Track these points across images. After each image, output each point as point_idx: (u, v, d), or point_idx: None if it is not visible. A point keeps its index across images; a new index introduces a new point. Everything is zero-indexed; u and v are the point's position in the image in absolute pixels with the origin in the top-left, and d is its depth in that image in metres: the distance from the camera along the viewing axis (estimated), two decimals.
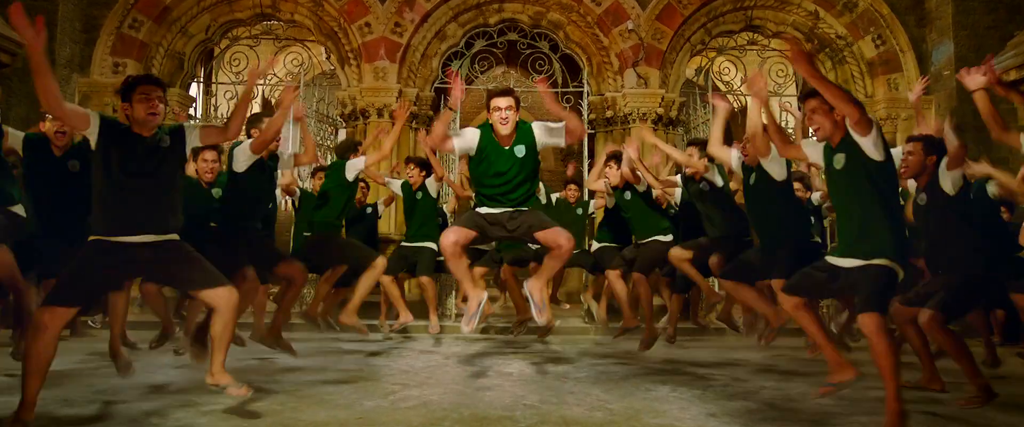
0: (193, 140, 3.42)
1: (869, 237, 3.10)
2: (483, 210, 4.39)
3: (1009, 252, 4.59)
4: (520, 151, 4.32)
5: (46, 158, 4.10)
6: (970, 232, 3.93)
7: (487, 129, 4.37)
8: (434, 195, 6.95)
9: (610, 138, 9.73)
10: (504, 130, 4.22)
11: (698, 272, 5.44)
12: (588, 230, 8.06)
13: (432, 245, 6.76)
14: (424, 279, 6.73)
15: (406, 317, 6.49)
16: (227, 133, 3.57)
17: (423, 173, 6.88)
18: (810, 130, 3.39)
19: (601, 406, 4.06)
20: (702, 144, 5.37)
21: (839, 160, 3.17)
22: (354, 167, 5.57)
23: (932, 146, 3.98)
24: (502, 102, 4.23)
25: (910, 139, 4.12)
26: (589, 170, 9.70)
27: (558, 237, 4.25)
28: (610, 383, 4.83)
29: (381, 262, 4.99)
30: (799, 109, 9.55)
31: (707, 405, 4.16)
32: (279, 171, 4.84)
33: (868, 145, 3.09)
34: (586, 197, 8.16)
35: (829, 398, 3.94)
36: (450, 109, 4.32)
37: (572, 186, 7.68)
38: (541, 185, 6.76)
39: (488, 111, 4.30)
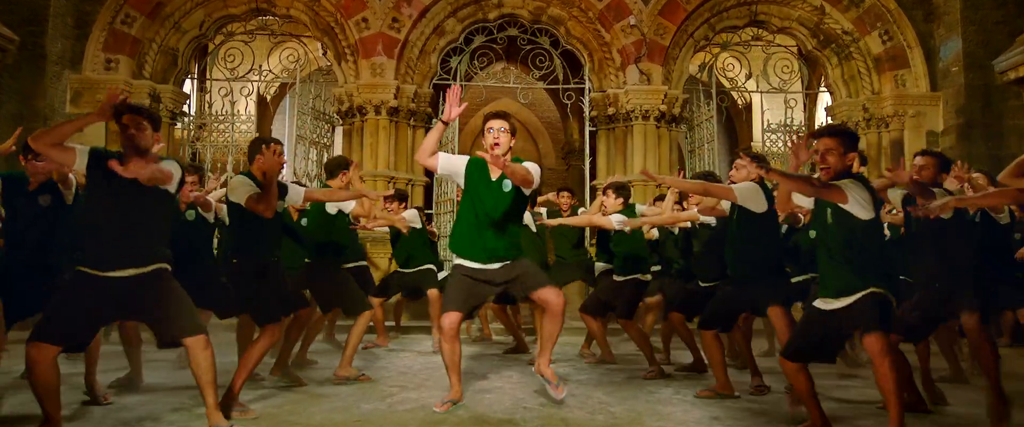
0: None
1: (859, 275, 3.16)
2: (467, 265, 4.07)
3: (1009, 272, 4.63)
4: (507, 186, 4.05)
5: (22, 194, 4.14)
6: (967, 254, 3.98)
7: (475, 161, 4.09)
8: (419, 225, 6.73)
9: (612, 136, 9.72)
10: (496, 151, 3.96)
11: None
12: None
13: (431, 266, 6.74)
14: (433, 292, 6.51)
15: (382, 342, 6.51)
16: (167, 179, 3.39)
17: (402, 206, 6.74)
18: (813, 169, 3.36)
19: (603, 409, 4.07)
20: (709, 176, 5.17)
21: (829, 214, 3.23)
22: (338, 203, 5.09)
23: (944, 164, 4.10)
24: (496, 123, 4.03)
25: (922, 153, 4.12)
26: (591, 167, 9.71)
27: (548, 295, 4.07)
28: (612, 386, 4.84)
29: (368, 316, 4.98)
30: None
31: (711, 408, 4.16)
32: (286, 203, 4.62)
33: (854, 208, 3.16)
34: (580, 206, 7.91)
35: (834, 402, 3.94)
36: (443, 122, 4.00)
37: (565, 193, 7.12)
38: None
39: (482, 134, 4.09)
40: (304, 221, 5.60)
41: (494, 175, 4.06)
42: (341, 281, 5.14)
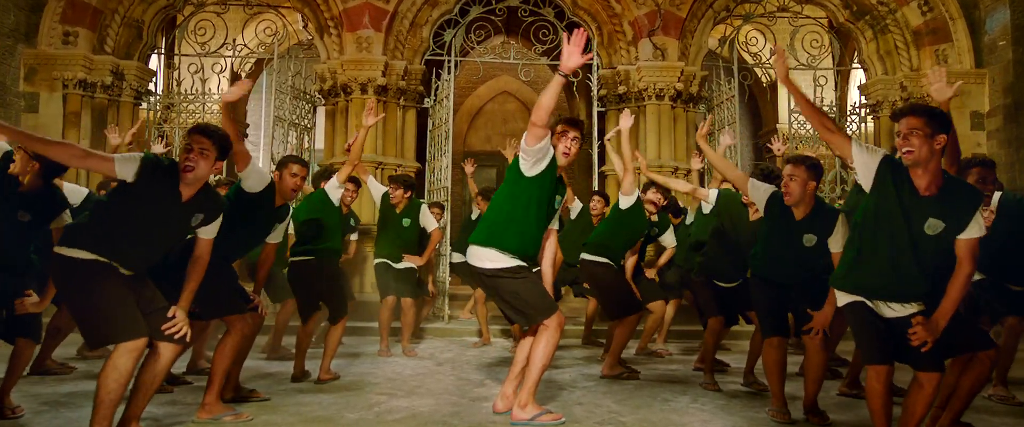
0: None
1: (924, 284, 3.19)
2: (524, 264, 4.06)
3: None
4: (557, 202, 4.18)
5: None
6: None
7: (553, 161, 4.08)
8: (430, 228, 6.72)
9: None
10: (564, 161, 4.10)
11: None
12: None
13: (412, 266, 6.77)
14: (408, 300, 6.67)
15: (383, 345, 6.50)
16: None
17: (408, 194, 6.65)
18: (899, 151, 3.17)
19: (613, 419, 4.06)
20: (769, 174, 5.14)
21: (934, 226, 3.11)
22: (334, 190, 5.46)
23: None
24: (574, 132, 4.11)
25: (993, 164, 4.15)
26: (599, 152, 9.67)
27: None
28: (623, 393, 4.82)
29: (344, 323, 5.27)
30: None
31: (732, 417, 4.16)
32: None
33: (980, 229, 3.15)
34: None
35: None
36: (562, 75, 3.77)
37: (597, 198, 7.26)
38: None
39: (555, 135, 4.08)
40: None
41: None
42: (340, 279, 5.36)
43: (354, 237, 7.31)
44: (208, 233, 3.56)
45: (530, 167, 3.92)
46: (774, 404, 4.15)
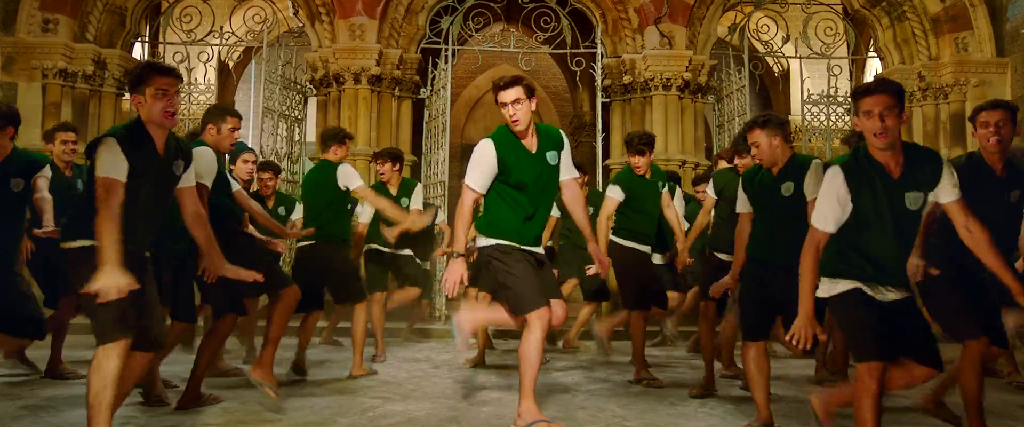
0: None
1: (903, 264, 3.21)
2: (516, 245, 3.89)
3: None
4: (552, 158, 3.95)
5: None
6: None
7: (503, 134, 3.91)
8: (421, 206, 6.50)
9: (628, 108, 9.66)
10: (519, 127, 3.82)
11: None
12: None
13: (411, 252, 6.73)
14: (415, 290, 6.72)
15: (379, 351, 6.30)
16: None
17: (396, 168, 6.49)
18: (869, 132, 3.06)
19: (618, 423, 4.06)
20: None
21: (915, 200, 3.07)
22: (348, 177, 5.19)
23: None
24: (508, 95, 3.83)
25: (997, 105, 3.81)
26: (603, 144, 9.66)
27: (557, 309, 3.89)
28: (628, 397, 4.82)
29: (363, 307, 5.38)
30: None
31: (740, 421, 4.14)
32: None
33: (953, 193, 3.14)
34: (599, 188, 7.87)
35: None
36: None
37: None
38: None
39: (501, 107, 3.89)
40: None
41: (531, 147, 3.92)
42: (351, 264, 5.55)
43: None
44: (188, 181, 3.53)
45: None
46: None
